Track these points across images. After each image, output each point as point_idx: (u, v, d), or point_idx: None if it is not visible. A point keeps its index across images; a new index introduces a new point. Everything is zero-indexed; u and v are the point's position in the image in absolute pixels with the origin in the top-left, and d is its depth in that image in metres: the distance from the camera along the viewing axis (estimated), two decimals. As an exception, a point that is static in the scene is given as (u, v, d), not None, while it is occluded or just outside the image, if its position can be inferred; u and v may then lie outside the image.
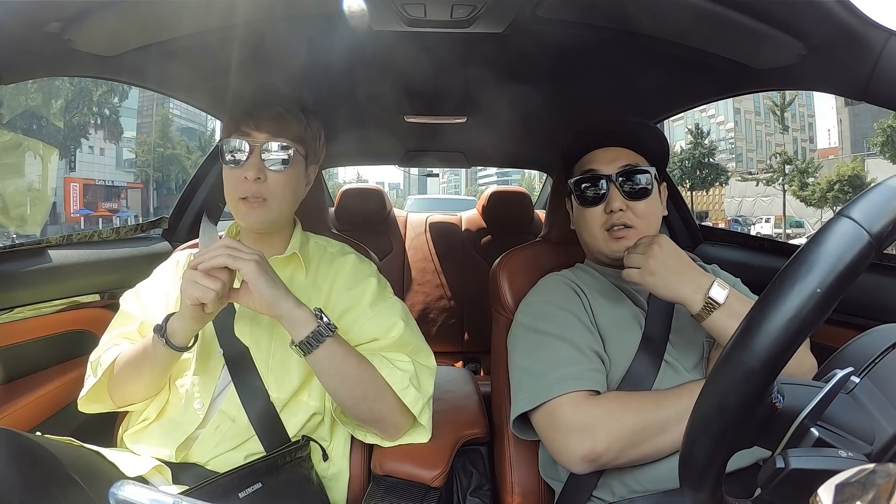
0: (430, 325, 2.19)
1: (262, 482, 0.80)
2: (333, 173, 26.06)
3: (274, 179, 0.86)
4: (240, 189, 0.85)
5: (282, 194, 0.87)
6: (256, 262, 0.75)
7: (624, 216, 0.86)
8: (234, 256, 0.74)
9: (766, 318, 0.36)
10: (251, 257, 0.74)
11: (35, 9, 0.71)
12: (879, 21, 0.65)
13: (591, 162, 0.91)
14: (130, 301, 0.94)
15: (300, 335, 0.76)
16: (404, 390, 0.84)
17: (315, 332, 0.76)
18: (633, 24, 0.88)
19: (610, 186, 0.88)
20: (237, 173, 0.85)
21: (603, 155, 0.90)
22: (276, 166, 0.86)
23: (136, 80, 1.10)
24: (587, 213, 0.90)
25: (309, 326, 0.76)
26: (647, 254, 0.79)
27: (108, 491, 0.47)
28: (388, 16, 0.85)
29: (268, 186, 0.85)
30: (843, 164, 25.66)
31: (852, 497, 0.31)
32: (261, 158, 0.85)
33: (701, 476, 0.41)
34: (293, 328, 0.77)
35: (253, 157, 0.85)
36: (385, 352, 0.87)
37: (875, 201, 0.36)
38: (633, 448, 0.73)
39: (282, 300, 0.76)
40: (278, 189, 0.87)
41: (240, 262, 0.74)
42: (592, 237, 0.91)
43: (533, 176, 32.87)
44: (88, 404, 0.88)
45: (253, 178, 0.84)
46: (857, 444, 0.40)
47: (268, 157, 0.85)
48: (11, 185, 13.37)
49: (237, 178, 0.85)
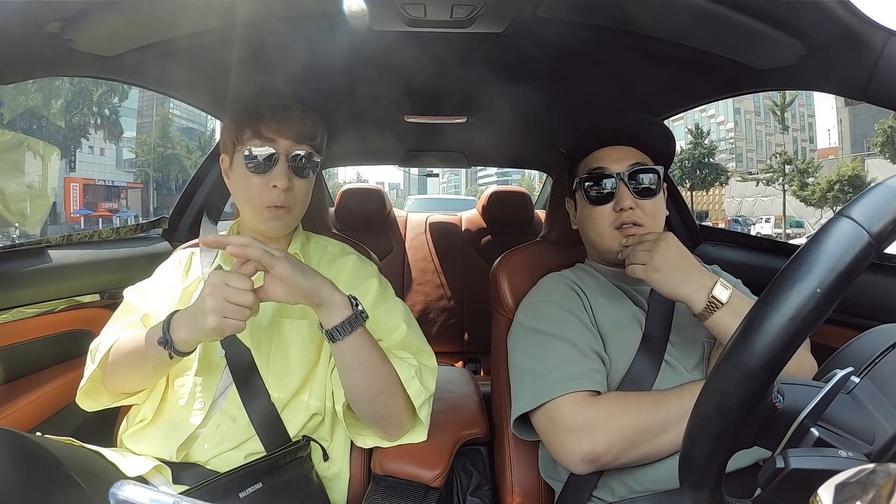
0: (430, 325, 2.19)
1: (262, 482, 0.80)
2: (333, 173, 26.10)
3: (299, 186, 0.87)
4: (266, 197, 0.85)
5: (304, 201, 0.89)
6: (286, 259, 0.72)
7: (634, 214, 0.86)
8: (266, 254, 0.71)
9: (766, 318, 0.36)
10: (280, 254, 0.72)
11: (35, 9, 0.71)
12: (879, 21, 0.65)
13: (599, 160, 0.90)
14: (134, 294, 0.93)
15: (334, 321, 0.74)
16: (410, 380, 0.84)
17: (349, 319, 0.75)
18: (634, 24, 0.88)
19: (619, 185, 0.87)
20: (262, 180, 0.85)
21: (611, 153, 0.90)
22: (302, 174, 0.87)
23: (136, 80, 1.10)
24: (596, 211, 0.90)
25: (345, 312, 0.75)
26: (652, 250, 0.79)
27: (108, 491, 0.47)
28: (388, 16, 0.85)
29: (293, 194, 0.86)
30: (843, 164, 25.68)
31: (852, 497, 0.31)
32: (287, 166, 0.85)
33: (701, 476, 0.41)
34: (329, 313, 0.75)
35: (280, 164, 0.85)
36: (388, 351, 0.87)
37: (875, 201, 0.36)
38: (633, 448, 0.73)
39: (320, 288, 0.74)
40: (302, 196, 0.88)
41: (272, 260, 0.71)
42: (601, 236, 0.90)
43: (533, 176, 32.93)
44: (86, 399, 0.86)
45: (284, 187, 0.84)
46: (857, 444, 0.40)
47: (294, 165, 0.86)
48: (12, 185, 13.35)
49: (262, 186, 0.85)
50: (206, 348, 0.88)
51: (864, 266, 0.35)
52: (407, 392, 0.84)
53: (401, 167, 2.46)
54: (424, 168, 3.17)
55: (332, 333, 0.75)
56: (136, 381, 0.84)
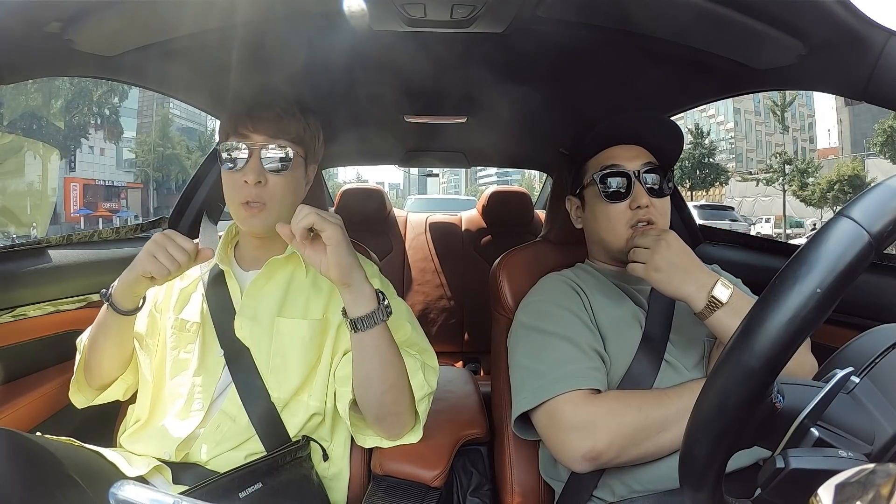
0: (430, 325, 2.19)
1: (262, 482, 0.80)
2: (333, 173, 26.08)
3: (274, 182, 0.85)
4: (240, 193, 0.84)
5: (281, 197, 0.86)
6: (340, 227, 0.74)
7: (648, 212, 0.87)
8: (322, 217, 0.73)
9: (766, 317, 0.36)
10: (336, 221, 0.74)
11: (35, 9, 0.71)
12: (879, 21, 0.65)
13: (612, 158, 0.90)
14: None
15: (360, 311, 0.76)
16: (415, 371, 0.85)
17: (374, 312, 0.76)
18: (634, 24, 0.88)
19: (635, 183, 0.88)
20: (236, 177, 0.84)
21: (624, 152, 0.90)
22: (276, 169, 0.85)
23: (136, 80, 1.10)
24: (611, 208, 0.89)
25: (371, 304, 0.76)
26: (653, 249, 0.79)
27: (108, 491, 0.47)
28: (388, 16, 0.85)
29: (268, 190, 0.85)
30: (843, 164, 25.66)
31: (852, 497, 0.31)
32: (260, 161, 0.84)
33: (701, 476, 0.41)
34: (356, 301, 0.76)
35: (252, 160, 0.84)
36: None
37: (875, 201, 0.36)
38: (633, 447, 0.73)
39: (355, 270, 0.75)
40: (278, 192, 0.86)
41: (326, 223, 0.72)
42: (614, 234, 0.90)
43: (533, 176, 32.89)
44: (76, 394, 0.91)
45: (253, 182, 0.83)
46: (857, 444, 0.40)
47: (267, 160, 0.84)
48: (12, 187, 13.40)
49: (237, 182, 0.84)
50: (205, 348, 0.88)
51: (864, 266, 0.35)
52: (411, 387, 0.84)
53: (401, 167, 2.46)
54: (424, 168, 3.17)
55: (356, 323, 0.76)
56: (105, 364, 0.87)
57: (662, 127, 0.91)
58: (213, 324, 0.88)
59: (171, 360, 0.88)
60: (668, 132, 0.91)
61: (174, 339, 0.89)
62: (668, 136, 0.91)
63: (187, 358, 0.88)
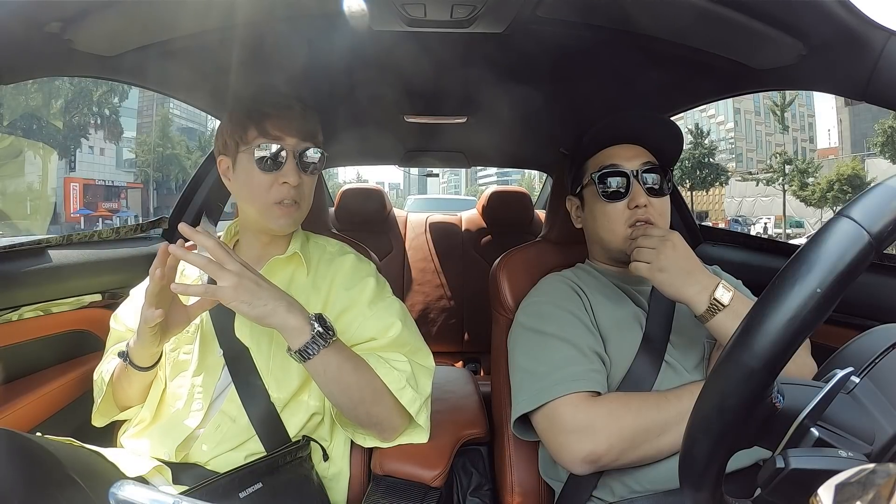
0: (430, 325, 2.19)
1: (262, 482, 0.80)
2: (333, 173, 26.05)
3: (306, 183, 0.89)
4: (275, 193, 0.85)
5: (309, 195, 0.91)
6: (233, 287, 0.71)
7: (647, 212, 0.87)
8: (218, 266, 0.71)
9: (766, 318, 0.36)
10: (229, 282, 0.71)
11: (35, 9, 0.71)
12: (879, 21, 0.65)
13: (611, 157, 0.90)
14: (120, 318, 0.95)
15: (296, 344, 0.75)
16: (401, 390, 0.83)
17: (309, 343, 0.74)
18: (634, 24, 0.88)
19: (633, 182, 0.88)
20: (271, 177, 0.85)
21: (623, 151, 0.90)
22: (310, 170, 0.89)
23: (136, 80, 1.10)
24: (610, 208, 0.89)
25: (303, 336, 0.74)
26: (658, 249, 0.79)
27: (108, 491, 0.47)
28: (388, 16, 0.85)
29: (301, 190, 0.88)
30: (843, 164, 25.66)
31: (852, 497, 0.31)
32: (296, 162, 0.86)
33: (701, 476, 0.41)
34: (289, 337, 0.75)
35: (290, 161, 0.86)
36: (382, 351, 0.87)
37: (875, 201, 0.36)
38: (633, 449, 0.73)
39: (268, 317, 0.73)
40: (308, 192, 0.90)
41: (219, 273, 0.71)
42: (613, 233, 0.90)
43: (533, 176, 32.92)
44: (100, 418, 0.92)
45: (295, 184, 0.85)
46: (857, 444, 0.40)
47: (302, 162, 0.87)
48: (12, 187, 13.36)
49: (272, 183, 0.85)
50: (205, 349, 0.88)
51: (864, 266, 0.35)
52: (395, 396, 0.83)
53: (401, 167, 2.47)
54: (424, 168, 3.17)
55: (298, 354, 0.75)
56: (134, 398, 0.90)
57: (662, 127, 0.91)
58: (212, 324, 0.88)
59: (171, 361, 0.88)
60: (667, 132, 0.91)
61: (174, 339, 0.89)
62: (668, 135, 0.91)
63: (187, 359, 0.88)
